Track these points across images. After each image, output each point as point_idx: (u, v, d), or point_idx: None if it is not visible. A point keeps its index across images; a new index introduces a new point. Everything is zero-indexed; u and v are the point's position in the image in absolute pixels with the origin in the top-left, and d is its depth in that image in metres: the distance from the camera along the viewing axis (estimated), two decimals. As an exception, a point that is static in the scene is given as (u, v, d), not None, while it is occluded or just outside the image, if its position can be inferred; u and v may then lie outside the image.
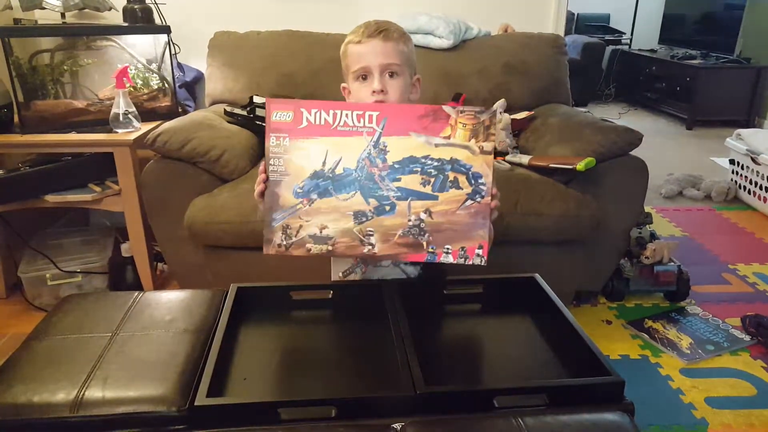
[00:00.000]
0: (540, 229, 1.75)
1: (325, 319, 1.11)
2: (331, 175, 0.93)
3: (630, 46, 6.31)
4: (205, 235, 1.72)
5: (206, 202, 1.73)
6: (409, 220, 0.95)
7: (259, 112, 2.01)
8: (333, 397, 0.82)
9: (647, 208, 2.24)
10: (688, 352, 1.86)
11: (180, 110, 2.23)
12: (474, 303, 1.15)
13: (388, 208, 0.94)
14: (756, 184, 3.13)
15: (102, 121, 1.98)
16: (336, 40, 2.31)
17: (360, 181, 0.94)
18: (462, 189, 0.95)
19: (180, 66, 2.47)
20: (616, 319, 2.06)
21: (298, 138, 0.93)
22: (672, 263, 2.14)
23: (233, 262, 1.79)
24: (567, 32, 3.78)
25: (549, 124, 2.11)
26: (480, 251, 0.97)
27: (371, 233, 0.95)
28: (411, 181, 0.94)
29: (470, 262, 0.97)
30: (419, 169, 0.94)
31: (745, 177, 3.23)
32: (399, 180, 0.94)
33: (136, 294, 1.12)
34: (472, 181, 0.95)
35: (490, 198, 0.96)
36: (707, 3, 5.34)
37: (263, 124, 2.05)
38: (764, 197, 3.07)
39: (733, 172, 3.35)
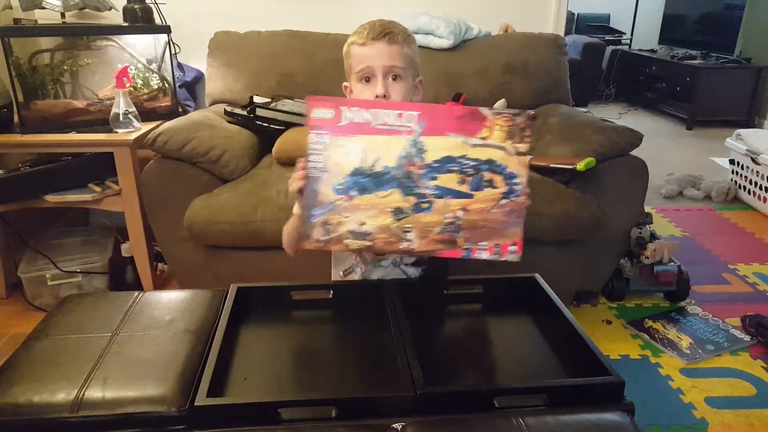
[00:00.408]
0: (540, 229, 1.75)
1: (326, 319, 1.11)
2: (370, 172, 0.94)
3: (630, 46, 6.31)
4: (205, 235, 1.72)
5: (206, 202, 1.73)
6: (446, 218, 0.96)
7: (259, 112, 2.01)
8: (333, 397, 0.82)
9: (647, 208, 2.24)
10: (688, 352, 1.86)
11: (180, 110, 2.23)
12: (474, 303, 1.15)
13: (425, 205, 0.96)
14: (756, 184, 3.13)
15: (102, 121, 1.98)
16: (336, 39, 2.32)
17: (398, 179, 0.95)
18: (497, 188, 0.97)
19: (180, 66, 2.47)
20: (616, 319, 2.06)
21: (338, 135, 0.94)
22: (672, 263, 2.14)
23: (233, 262, 1.79)
24: (567, 32, 3.78)
25: (549, 124, 2.11)
26: (514, 248, 0.99)
27: (409, 230, 0.96)
28: (448, 180, 0.96)
29: (504, 258, 0.99)
30: (456, 169, 0.96)
31: (745, 177, 3.23)
32: (436, 179, 0.95)
33: (136, 294, 1.12)
34: (507, 181, 0.97)
35: (524, 197, 0.98)
36: (707, 3, 5.34)
37: (263, 125, 2.07)
38: (764, 197, 3.07)
39: (733, 172, 3.35)
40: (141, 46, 2.17)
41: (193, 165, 1.78)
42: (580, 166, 1.72)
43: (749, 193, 3.20)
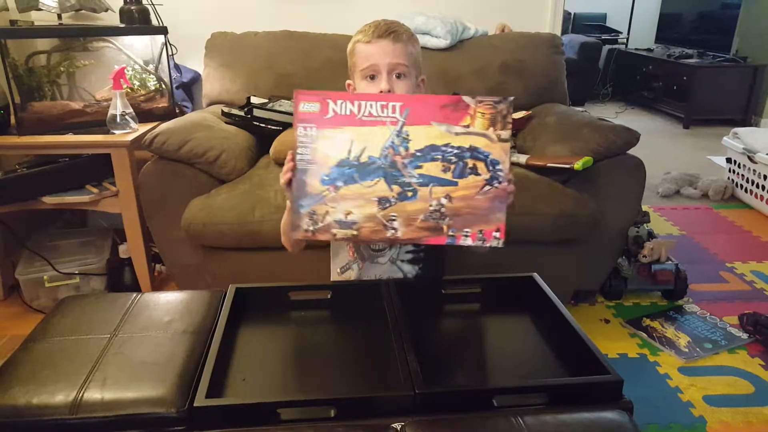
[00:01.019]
0: (538, 228, 1.75)
1: (324, 320, 1.11)
2: (356, 163, 0.97)
3: (627, 46, 6.32)
4: (203, 236, 1.72)
5: (204, 203, 1.73)
6: (431, 205, 0.98)
7: (256, 113, 2.01)
8: (332, 397, 0.82)
9: (645, 207, 2.25)
10: (686, 350, 1.87)
11: (177, 111, 2.22)
12: (472, 303, 1.15)
13: (410, 194, 0.98)
14: (753, 182, 3.14)
15: (99, 122, 1.98)
16: (333, 40, 2.32)
17: (384, 168, 0.97)
18: (481, 175, 0.98)
19: (177, 67, 2.46)
20: (614, 318, 2.06)
21: (324, 128, 0.96)
22: (669, 262, 2.15)
23: (231, 263, 1.79)
24: (564, 32, 3.79)
25: (546, 124, 2.11)
26: (497, 234, 1.00)
27: (394, 218, 0.98)
28: (432, 168, 0.97)
29: (488, 245, 1.00)
30: (440, 157, 0.97)
31: (742, 175, 3.24)
32: (421, 167, 0.97)
33: (135, 295, 1.12)
34: (491, 168, 0.99)
35: (507, 183, 0.99)
36: (703, 2, 5.35)
37: (261, 125, 2.07)
38: (761, 195, 3.08)
39: (730, 171, 3.36)
40: (138, 48, 2.17)
41: (191, 166, 1.78)
42: (578, 165, 1.72)
43: (746, 191, 3.21)
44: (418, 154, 0.97)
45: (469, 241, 1.00)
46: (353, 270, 1.25)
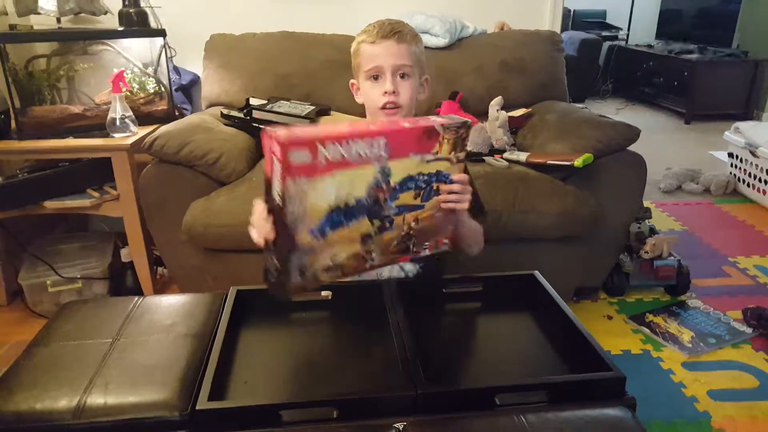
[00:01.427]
0: (539, 226, 1.75)
1: (325, 321, 1.11)
2: (343, 207, 0.91)
3: (627, 42, 6.31)
4: (204, 239, 1.72)
5: (204, 205, 1.73)
6: (402, 231, 0.99)
7: (256, 114, 2.01)
8: (334, 398, 0.82)
9: (646, 203, 2.24)
10: (690, 345, 1.86)
11: (177, 113, 2.23)
12: (474, 301, 1.15)
13: (387, 224, 0.97)
14: (755, 176, 3.13)
15: (99, 125, 1.98)
16: (332, 40, 2.32)
17: (368, 206, 0.93)
18: (440, 194, 1.01)
19: (176, 69, 2.46)
20: (616, 314, 2.06)
21: (314, 177, 0.86)
22: (672, 257, 2.14)
23: (233, 265, 1.79)
24: (563, 29, 3.78)
25: (546, 121, 2.11)
26: (446, 240, 1.07)
27: (373, 250, 0.97)
28: (407, 197, 0.97)
29: (438, 250, 1.06)
30: (413, 185, 0.97)
31: (744, 170, 3.23)
32: (398, 198, 0.96)
33: (137, 299, 1.12)
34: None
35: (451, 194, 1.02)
36: (703, -3, 5.35)
37: (260, 126, 2.06)
38: (763, 190, 3.07)
39: (731, 166, 3.35)
40: (137, 50, 2.17)
41: (191, 168, 1.78)
42: (578, 162, 1.72)
43: (748, 186, 3.20)
44: (397, 187, 0.94)
45: (426, 252, 1.04)
46: None
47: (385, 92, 1.16)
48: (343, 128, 0.88)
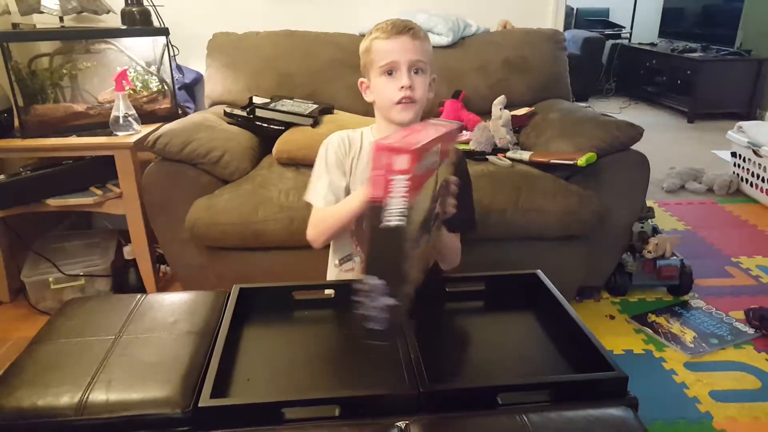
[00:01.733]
0: (542, 225, 1.75)
1: (328, 319, 1.11)
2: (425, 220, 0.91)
3: (630, 40, 6.30)
4: (207, 237, 1.73)
5: (207, 203, 1.73)
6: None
7: (259, 112, 2.01)
8: (337, 396, 0.82)
9: (649, 203, 2.23)
10: (692, 345, 1.86)
11: (180, 112, 2.23)
12: (476, 300, 1.15)
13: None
14: (758, 176, 3.13)
15: (102, 124, 1.99)
16: (335, 39, 2.32)
17: (431, 217, 0.95)
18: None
19: (179, 68, 2.47)
20: (619, 314, 2.06)
21: (419, 190, 0.81)
22: (675, 257, 2.14)
23: (235, 263, 1.79)
24: (566, 27, 3.77)
25: (549, 120, 2.11)
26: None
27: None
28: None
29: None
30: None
31: (747, 169, 3.22)
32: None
33: (139, 296, 1.12)
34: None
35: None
36: (706, -5, 5.33)
37: (263, 125, 2.07)
38: (766, 189, 3.06)
39: (735, 165, 3.35)
40: (140, 49, 2.17)
41: (194, 167, 1.78)
42: (581, 161, 1.72)
43: (751, 185, 3.19)
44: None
45: None
46: (354, 262, 1.25)
47: (402, 87, 1.16)
48: (430, 134, 0.82)
